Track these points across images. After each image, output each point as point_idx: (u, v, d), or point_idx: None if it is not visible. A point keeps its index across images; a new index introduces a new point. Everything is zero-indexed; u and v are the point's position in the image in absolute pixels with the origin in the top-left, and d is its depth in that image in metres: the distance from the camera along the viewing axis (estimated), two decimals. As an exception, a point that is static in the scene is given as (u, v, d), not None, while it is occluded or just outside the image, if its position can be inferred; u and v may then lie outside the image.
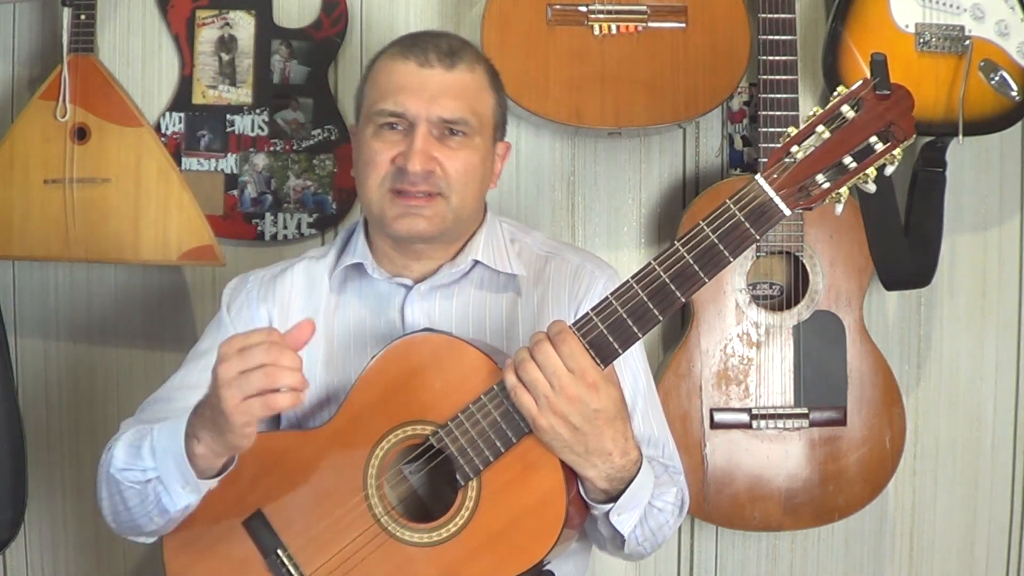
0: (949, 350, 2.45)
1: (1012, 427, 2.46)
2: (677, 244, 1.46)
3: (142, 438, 1.57)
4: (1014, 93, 2.19)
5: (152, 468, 1.54)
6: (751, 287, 2.26)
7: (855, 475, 2.25)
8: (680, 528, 2.40)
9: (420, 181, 1.64)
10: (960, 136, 2.17)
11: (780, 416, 2.23)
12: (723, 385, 2.24)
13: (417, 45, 1.69)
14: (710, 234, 1.45)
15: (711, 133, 2.41)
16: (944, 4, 2.19)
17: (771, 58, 2.17)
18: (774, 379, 2.24)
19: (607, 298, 1.47)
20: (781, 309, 2.26)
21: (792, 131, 1.43)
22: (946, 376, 2.45)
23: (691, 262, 1.45)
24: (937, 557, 2.46)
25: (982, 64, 2.19)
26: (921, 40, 2.19)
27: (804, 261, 2.24)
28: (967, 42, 2.18)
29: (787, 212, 1.43)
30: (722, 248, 1.44)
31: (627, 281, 1.47)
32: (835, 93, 1.43)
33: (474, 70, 1.70)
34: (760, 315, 2.24)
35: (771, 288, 2.31)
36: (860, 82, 1.42)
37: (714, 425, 2.23)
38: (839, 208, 1.45)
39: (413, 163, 1.63)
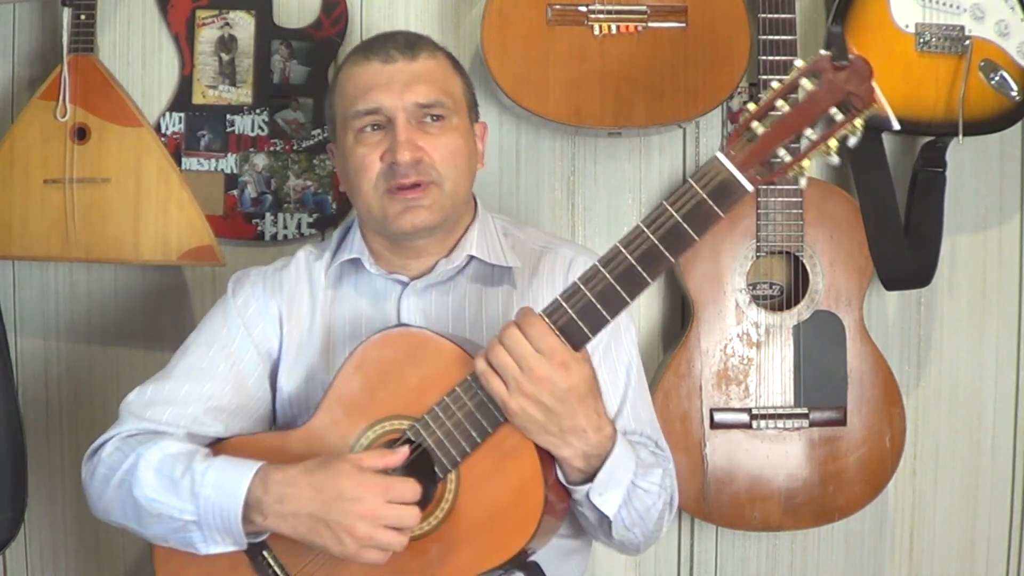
0: (949, 350, 2.45)
1: (1012, 427, 2.46)
2: (641, 226, 1.45)
3: (179, 472, 1.55)
4: (1014, 93, 2.19)
5: (191, 511, 1.54)
6: (751, 287, 2.26)
7: (855, 475, 2.24)
8: (680, 528, 2.41)
9: (411, 171, 1.65)
10: (960, 136, 2.17)
11: (780, 416, 2.23)
12: (723, 385, 2.24)
13: (375, 45, 1.73)
14: (674, 214, 1.43)
15: (711, 133, 2.41)
16: (944, 4, 2.19)
17: (771, 58, 2.17)
18: (774, 379, 2.23)
19: (575, 283, 1.47)
20: (781, 309, 2.25)
21: (752, 107, 1.43)
22: (946, 376, 2.45)
23: (656, 242, 1.44)
24: (937, 557, 2.46)
25: (982, 64, 2.18)
26: (921, 40, 2.18)
27: (804, 261, 2.23)
28: (967, 42, 2.18)
29: (750, 188, 1.42)
30: (687, 228, 1.43)
31: (594, 265, 1.47)
32: (793, 66, 1.42)
33: (435, 56, 1.74)
34: (760, 315, 2.24)
35: (771, 288, 2.31)
36: (818, 54, 1.40)
37: (714, 425, 2.23)
38: (803, 182, 1.43)
39: (402, 154, 1.64)
